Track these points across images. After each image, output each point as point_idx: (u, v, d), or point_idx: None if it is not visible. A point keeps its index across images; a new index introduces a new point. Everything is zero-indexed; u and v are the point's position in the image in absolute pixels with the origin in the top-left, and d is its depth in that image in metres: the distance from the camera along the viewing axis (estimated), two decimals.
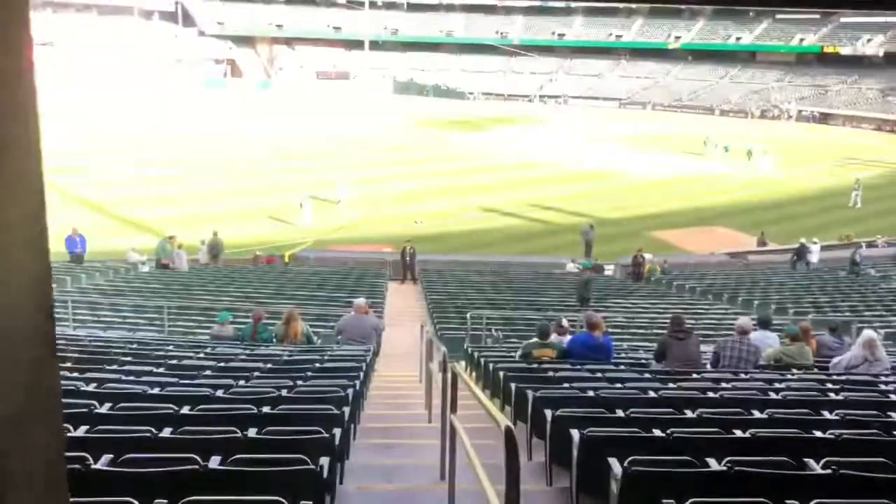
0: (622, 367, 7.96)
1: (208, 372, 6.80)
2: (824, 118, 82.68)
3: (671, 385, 6.36)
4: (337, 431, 4.15)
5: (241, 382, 6.14)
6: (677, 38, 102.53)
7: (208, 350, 8.80)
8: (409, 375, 10.62)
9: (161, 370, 6.78)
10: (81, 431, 3.92)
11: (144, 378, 6.08)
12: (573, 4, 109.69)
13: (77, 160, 43.70)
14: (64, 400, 4.92)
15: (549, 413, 4.80)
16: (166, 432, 4.01)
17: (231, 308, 14.61)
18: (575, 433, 4.08)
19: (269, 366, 7.33)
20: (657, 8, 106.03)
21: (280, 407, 4.88)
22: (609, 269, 26.19)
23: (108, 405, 4.70)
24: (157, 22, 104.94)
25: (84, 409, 4.45)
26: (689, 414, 4.85)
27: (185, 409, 4.68)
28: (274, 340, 10.13)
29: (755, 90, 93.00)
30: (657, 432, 4.23)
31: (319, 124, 66.99)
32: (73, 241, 22.93)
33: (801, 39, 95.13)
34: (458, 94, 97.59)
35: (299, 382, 6.21)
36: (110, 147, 49.35)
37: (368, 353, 9.16)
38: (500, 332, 13.04)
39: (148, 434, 3.88)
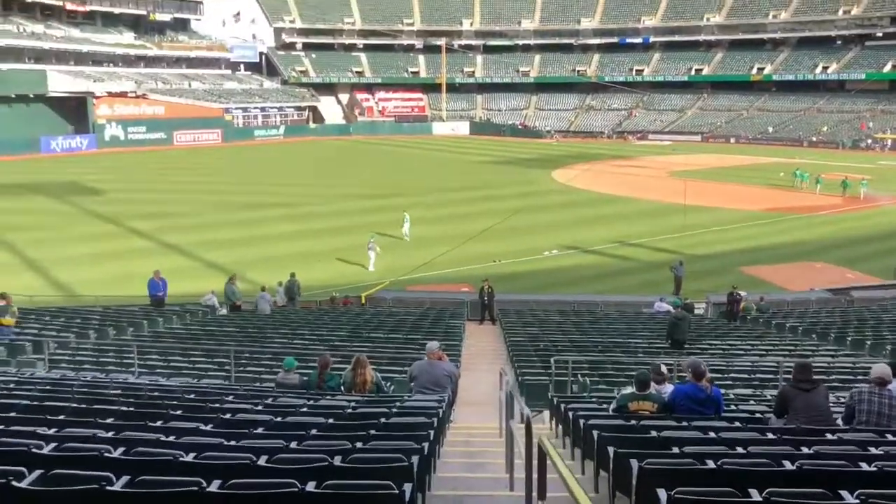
0: (737, 423, 6.83)
1: (260, 430, 6.06)
2: None
3: (805, 450, 5.24)
4: None
5: (293, 444, 5.37)
6: (760, 69, 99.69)
7: (269, 401, 8.10)
8: (489, 428, 9.67)
9: (209, 427, 6.08)
10: None
11: (186, 438, 5.38)
12: (652, 39, 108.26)
13: (163, 205, 44.90)
14: (78, 472, 4.29)
15: (663, 495, 3.82)
16: None
17: (302, 353, 14.02)
18: None
19: (329, 421, 6.54)
20: (737, 40, 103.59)
21: (327, 483, 4.06)
22: (700, 308, 24.63)
23: (125, 479, 3.98)
24: (243, 73, 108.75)
25: (94, 486, 3.75)
26: (848, 498, 3.79)
27: (215, 486, 3.90)
28: (342, 388, 9.39)
29: (845, 120, 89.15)
30: None
31: (397, 166, 67.37)
32: (155, 285, 22.99)
33: (894, 66, 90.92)
34: (534, 133, 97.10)
35: (358, 444, 5.39)
36: (194, 190, 50.61)
37: (442, 404, 8.28)
38: (588, 379, 11.95)
39: None
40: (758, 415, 7.64)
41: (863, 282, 29.17)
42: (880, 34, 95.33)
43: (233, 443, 5.35)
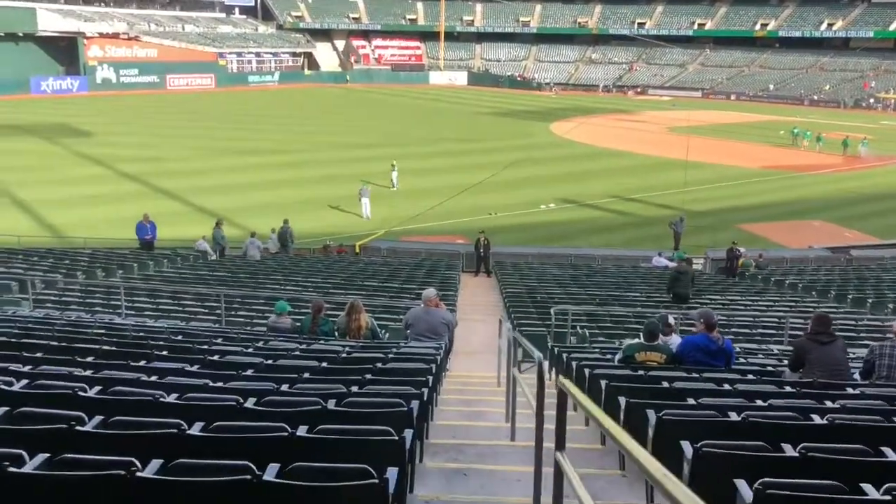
0: (749, 376, 6.52)
1: (250, 372, 5.72)
2: None
3: (830, 404, 4.94)
4: (392, 474, 2.97)
5: (285, 387, 5.04)
6: (764, 25, 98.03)
7: (260, 344, 7.77)
8: (486, 377, 9.39)
9: (195, 368, 5.74)
10: (31, 466, 2.84)
11: (169, 379, 5.04)
12: None
13: (154, 149, 44.20)
14: (48, 411, 3.93)
15: (688, 448, 3.50)
16: (150, 469, 2.90)
17: (295, 299, 13.70)
18: (743, 487, 2.80)
19: (323, 364, 6.21)
20: None
21: (320, 428, 3.72)
22: (698, 263, 24.37)
23: (98, 419, 3.64)
24: (238, 17, 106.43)
25: (63, 426, 3.40)
26: (891, 455, 3.48)
27: (196, 429, 3.57)
28: (336, 334, 9.07)
29: (848, 79, 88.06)
30: (872, 491, 2.89)
31: (393, 115, 66.46)
32: (143, 228, 22.61)
33: None
34: (532, 85, 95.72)
35: (354, 389, 5.06)
36: (186, 135, 49.86)
37: (440, 351, 7.97)
38: (586, 331, 11.67)
39: (121, 472, 2.77)
40: (769, 368, 7.35)
41: (861, 241, 28.95)
42: None
43: (219, 384, 5.01)
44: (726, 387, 5.52)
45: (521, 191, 35.77)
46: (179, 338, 8.05)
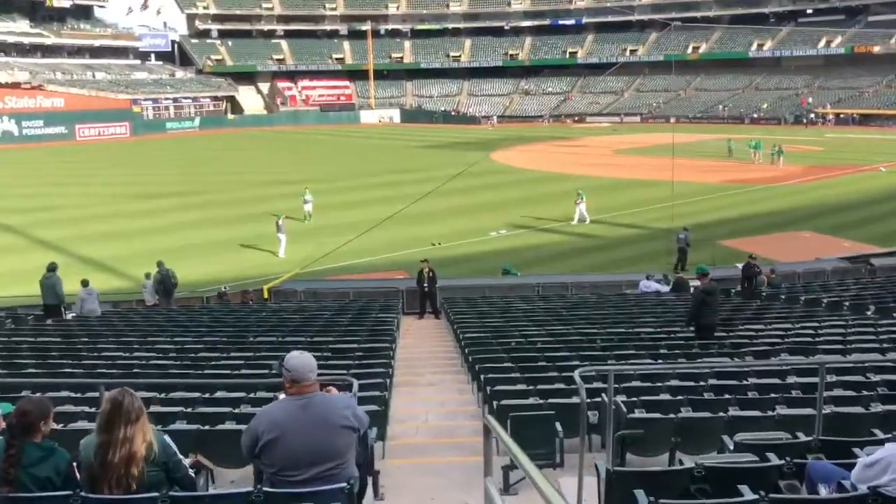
0: None
1: None
2: (864, 120, 76.27)
3: None
4: None
5: None
6: (696, 48, 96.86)
7: None
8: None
9: None
10: None
11: None
12: (584, 20, 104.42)
13: (46, 199, 38.34)
14: None
15: None
16: None
17: (135, 374, 8.42)
18: None
19: None
20: (671, 19, 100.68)
21: None
22: (695, 283, 19.78)
23: None
24: (153, 63, 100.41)
25: None
26: None
27: None
28: (77, 477, 3.73)
29: (784, 96, 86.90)
30: None
31: (321, 154, 61.69)
32: None
33: (829, 42, 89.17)
34: (468, 119, 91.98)
35: None
36: (88, 183, 44.10)
37: None
38: (619, 399, 6.65)
39: None
40: None
41: (859, 250, 25.06)
42: (810, 10, 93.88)
43: None
44: None
45: (466, 218, 31.14)
46: None
